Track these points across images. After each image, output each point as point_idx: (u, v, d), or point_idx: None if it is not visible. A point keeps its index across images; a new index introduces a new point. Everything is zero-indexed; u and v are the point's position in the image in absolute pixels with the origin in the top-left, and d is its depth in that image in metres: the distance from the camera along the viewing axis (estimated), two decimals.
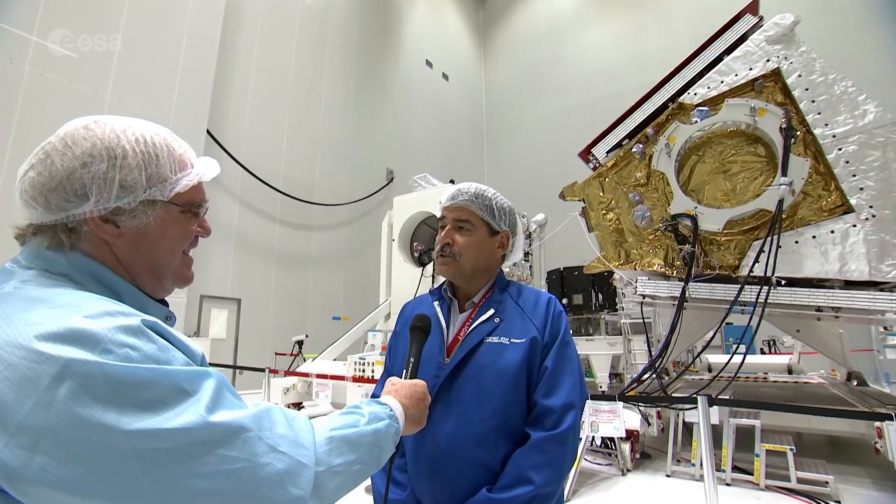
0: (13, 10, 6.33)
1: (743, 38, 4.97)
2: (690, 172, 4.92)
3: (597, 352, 7.16)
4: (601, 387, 6.94)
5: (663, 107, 5.20)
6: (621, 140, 5.40)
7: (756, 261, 4.33)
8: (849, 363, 5.43)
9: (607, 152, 5.51)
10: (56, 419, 0.50)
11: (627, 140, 5.37)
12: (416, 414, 0.91)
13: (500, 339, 1.25)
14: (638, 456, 4.56)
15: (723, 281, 4.59)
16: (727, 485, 3.84)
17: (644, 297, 5.00)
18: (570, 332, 1.34)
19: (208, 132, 8.83)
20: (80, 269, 0.67)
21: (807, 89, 4.48)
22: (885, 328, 6.22)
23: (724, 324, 4.54)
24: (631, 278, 5.16)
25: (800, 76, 4.53)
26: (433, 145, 15.61)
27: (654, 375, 4.57)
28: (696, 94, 5.04)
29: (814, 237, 4.30)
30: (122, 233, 0.69)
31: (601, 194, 5.43)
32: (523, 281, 7.19)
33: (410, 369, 1.03)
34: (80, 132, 0.68)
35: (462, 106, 17.75)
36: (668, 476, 4.16)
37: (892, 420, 3.28)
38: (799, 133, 4.40)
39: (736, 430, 4.03)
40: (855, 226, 4.16)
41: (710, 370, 6.36)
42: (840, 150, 4.28)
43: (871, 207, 4.13)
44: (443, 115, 16.48)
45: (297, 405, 6.12)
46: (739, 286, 4.33)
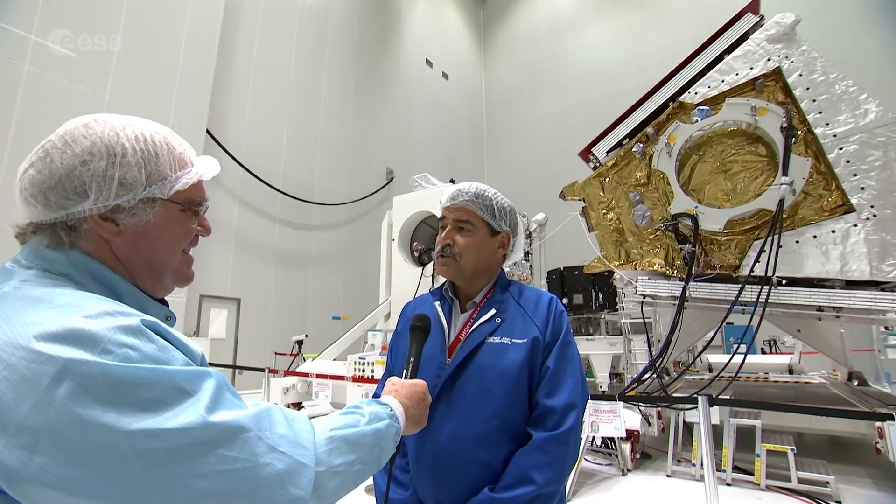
0: (12, 9, 6.32)
1: (744, 38, 4.97)
2: (691, 172, 4.92)
3: (597, 351, 7.16)
4: (601, 386, 6.94)
5: (664, 106, 5.20)
6: (622, 139, 5.40)
7: (757, 260, 4.33)
8: (850, 363, 5.43)
9: (607, 152, 5.51)
10: (55, 419, 0.49)
11: (628, 139, 5.36)
12: (417, 414, 0.90)
13: (501, 339, 1.25)
14: (638, 456, 4.55)
15: (723, 281, 4.59)
16: (728, 485, 3.84)
17: (644, 296, 5.00)
18: (572, 331, 1.34)
19: (208, 132, 8.82)
20: (80, 269, 0.67)
21: (808, 88, 4.48)
22: (886, 328, 6.20)
23: (724, 323, 4.54)
24: (631, 278, 5.16)
25: (801, 75, 4.53)
26: (433, 145, 15.60)
27: (655, 375, 4.57)
28: (696, 93, 5.03)
29: (815, 237, 4.30)
30: (121, 231, 0.69)
31: (601, 194, 5.42)
32: (523, 281, 7.18)
33: (411, 369, 1.03)
34: (79, 130, 0.68)
35: (462, 105, 17.74)
36: (668, 476, 4.16)
37: (892, 420, 3.27)
38: (800, 132, 4.40)
39: (736, 430, 4.03)
40: (856, 225, 4.16)
41: (710, 370, 6.36)
42: (841, 149, 4.28)
43: (872, 207, 4.13)
44: (443, 114, 16.47)
45: (297, 405, 6.12)
46: (740, 286, 4.33)
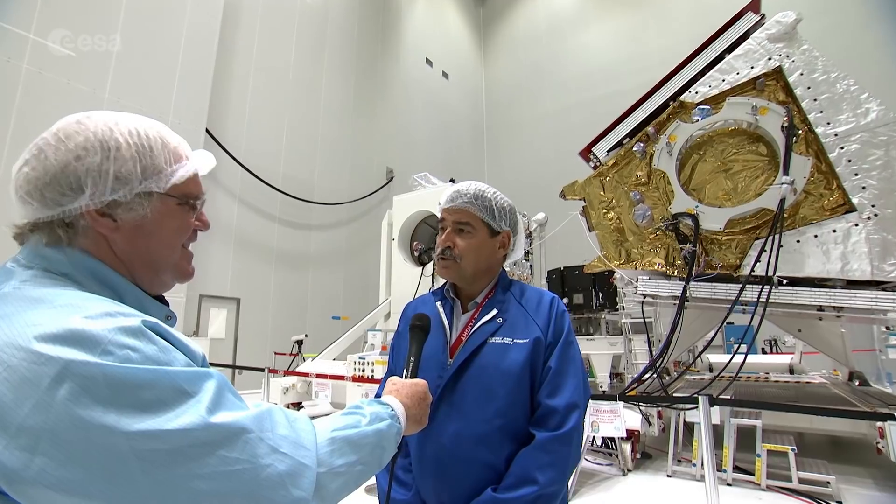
0: (11, 8, 6.30)
1: (744, 37, 4.95)
2: (691, 171, 4.91)
3: (597, 351, 7.14)
4: (602, 386, 6.92)
5: (664, 105, 5.18)
6: (622, 139, 5.39)
7: (757, 260, 4.32)
8: (851, 363, 5.41)
9: (608, 151, 5.49)
10: (56, 420, 0.49)
11: (628, 139, 5.35)
12: (418, 413, 0.90)
13: (503, 339, 1.25)
14: (639, 456, 4.55)
15: (724, 280, 4.58)
16: (728, 485, 3.84)
17: (645, 296, 5.00)
18: (574, 331, 1.34)
19: (207, 131, 8.81)
20: (81, 268, 0.66)
21: (809, 88, 4.46)
22: (888, 328, 6.20)
23: (725, 323, 4.53)
24: (632, 278, 5.15)
25: (802, 74, 4.51)
26: (433, 144, 15.59)
27: (655, 375, 4.56)
28: (697, 92, 5.01)
29: (816, 236, 4.29)
30: (119, 226, 0.69)
31: (602, 193, 5.41)
32: (524, 280, 7.16)
33: (411, 368, 1.03)
34: (72, 126, 0.68)
35: (462, 104, 17.72)
36: (668, 476, 4.16)
37: (893, 420, 3.26)
38: (801, 132, 4.39)
39: (737, 430, 4.02)
40: (857, 225, 4.14)
41: (711, 370, 6.35)
42: (842, 148, 4.26)
43: (873, 206, 4.12)
44: (443, 113, 16.45)
45: (297, 405, 6.11)
46: (741, 286, 4.32)
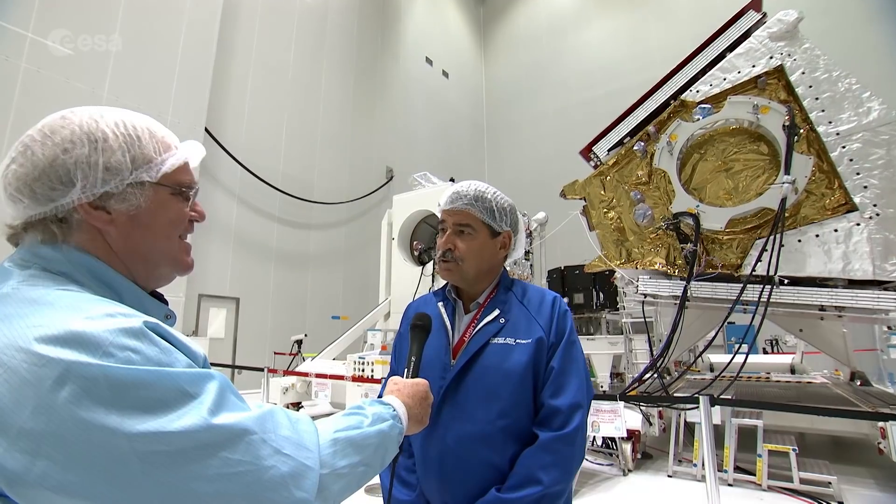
0: (9, 6, 6.28)
1: (746, 35, 4.93)
2: (692, 170, 4.89)
3: (598, 351, 7.11)
4: (602, 386, 6.90)
5: (665, 104, 5.17)
6: (623, 138, 5.37)
7: (758, 260, 4.30)
8: (852, 363, 5.40)
9: (608, 150, 5.48)
10: (58, 423, 0.49)
11: (629, 138, 5.33)
12: (419, 413, 0.90)
13: (505, 339, 1.25)
14: (639, 456, 4.54)
15: (725, 280, 4.56)
16: (729, 485, 3.83)
17: (645, 296, 4.98)
18: (577, 330, 1.33)
19: (207, 130, 8.80)
20: (79, 266, 0.66)
21: (810, 86, 4.45)
22: (889, 327, 6.20)
23: (726, 323, 4.52)
24: (632, 277, 5.14)
25: (803, 73, 4.49)
26: (433, 143, 15.57)
27: (656, 375, 4.55)
28: (698, 91, 5.00)
29: (817, 236, 4.28)
30: (113, 219, 0.68)
31: (602, 193, 5.40)
32: (524, 280, 7.15)
33: (412, 368, 1.02)
34: (57, 122, 0.67)
35: (462, 103, 17.69)
36: (669, 476, 4.15)
37: (895, 420, 3.26)
38: (802, 131, 4.37)
39: (738, 431, 4.01)
40: (859, 224, 4.13)
41: (712, 370, 6.34)
42: (844, 147, 4.25)
43: (875, 206, 4.11)
44: (443, 112, 16.43)
45: (297, 405, 6.09)
46: (742, 285, 4.31)
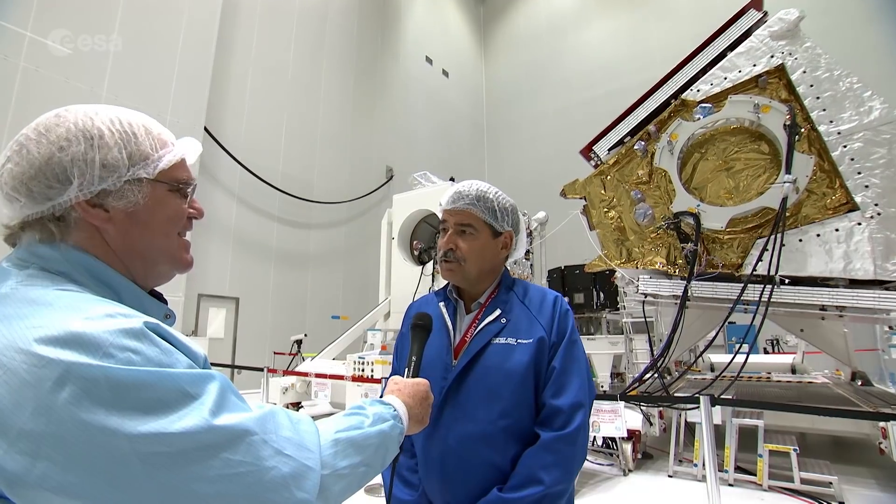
0: (7, 5, 6.27)
1: (747, 34, 4.92)
2: (693, 170, 4.88)
3: (598, 351, 7.11)
4: (603, 386, 6.89)
5: (666, 104, 5.15)
6: (623, 137, 5.36)
7: (759, 259, 4.29)
8: (853, 363, 5.39)
9: (609, 150, 5.46)
10: (58, 424, 0.49)
11: (629, 137, 5.32)
12: (420, 413, 0.90)
13: (507, 339, 1.25)
14: (640, 456, 4.53)
15: (725, 280, 4.55)
16: (730, 485, 3.82)
17: (646, 295, 4.97)
18: (577, 330, 1.33)
19: (206, 130, 8.78)
20: (77, 266, 0.65)
21: (811, 85, 4.43)
22: (891, 327, 6.19)
23: (726, 323, 4.51)
24: (633, 277, 5.13)
25: (804, 72, 4.48)
26: (433, 143, 15.55)
27: (657, 375, 4.54)
28: (698, 90, 4.98)
29: (818, 235, 4.26)
30: (111, 216, 0.68)
31: (603, 192, 5.38)
32: (524, 280, 7.12)
33: (412, 368, 1.02)
34: (51, 120, 0.67)
35: (462, 103, 17.68)
36: (670, 476, 4.15)
37: None
38: (803, 130, 4.36)
39: (739, 431, 4.01)
40: (860, 224, 4.12)
41: (712, 370, 6.33)
42: (845, 147, 4.23)
43: (876, 205, 4.10)
44: (443, 112, 16.41)
45: (296, 405, 6.08)
46: (742, 285, 4.29)
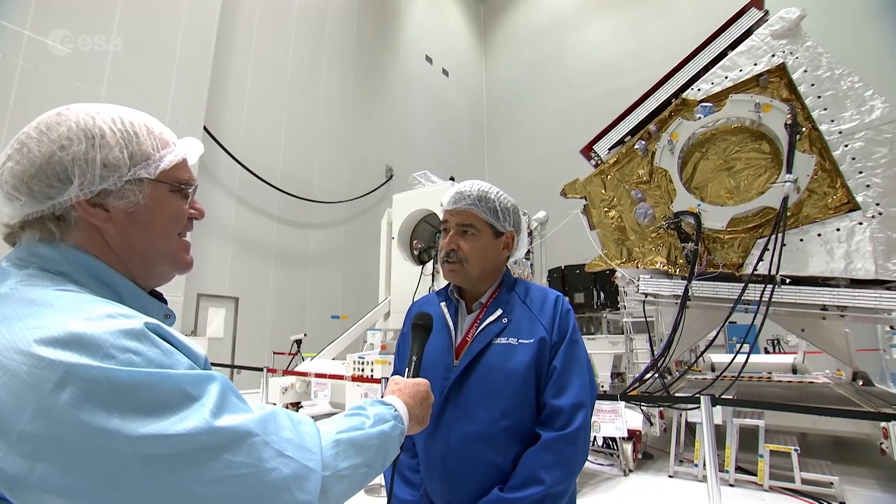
0: (6, 4, 6.25)
1: (748, 33, 4.91)
2: (694, 169, 4.87)
3: (598, 351, 7.09)
4: (603, 386, 6.88)
5: (666, 103, 5.14)
6: (623, 137, 5.35)
7: (760, 259, 4.28)
8: (854, 363, 5.39)
9: (609, 149, 5.45)
10: (58, 426, 0.48)
11: (630, 137, 5.31)
12: (420, 413, 0.90)
13: (508, 340, 1.25)
14: (640, 456, 4.53)
15: (726, 279, 4.54)
16: (730, 485, 3.82)
17: (646, 295, 4.97)
18: (579, 329, 1.33)
19: (205, 129, 8.76)
20: (77, 266, 0.65)
21: (813, 85, 4.42)
22: (892, 327, 6.18)
23: (727, 323, 4.50)
24: (633, 276, 5.12)
25: (806, 71, 4.46)
26: (433, 142, 15.53)
27: (657, 375, 4.53)
28: (699, 89, 4.97)
29: (819, 235, 4.26)
30: (111, 216, 0.67)
31: (603, 192, 5.37)
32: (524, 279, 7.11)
33: (413, 367, 1.02)
34: (53, 118, 0.66)
35: (462, 102, 17.66)
36: (670, 477, 4.14)
37: None
38: (804, 129, 4.35)
39: (739, 431, 4.01)
40: (861, 223, 4.11)
41: (713, 369, 6.33)
42: (846, 146, 4.22)
43: (877, 205, 4.09)
44: (443, 111, 16.39)
45: (296, 405, 6.07)
46: (743, 285, 4.28)
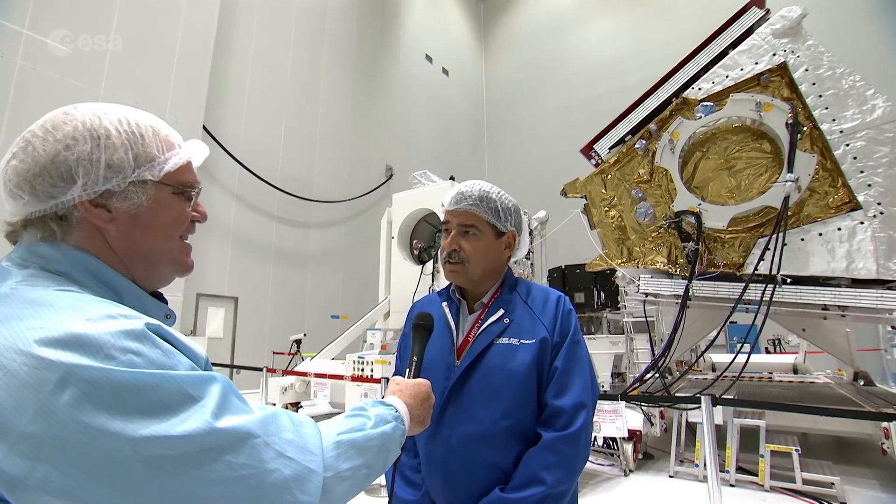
0: (4, 3, 6.24)
1: (749, 32, 4.90)
2: (694, 169, 4.86)
3: (599, 351, 7.07)
4: (603, 386, 6.87)
5: (667, 102, 5.13)
6: (624, 136, 5.33)
7: (761, 258, 4.27)
8: (855, 363, 5.38)
9: (610, 148, 5.44)
10: (59, 427, 0.48)
11: (630, 136, 5.30)
12: (421, 414, 0.90)
13: (509, 340, 1.24)
14: (640, 456, 4.52)
15: (727, 279, 4.54)
16: (731, 486, 3.81)
17: (647, 295, 4.96)
18: (581, 330, 1.33)
19: (205, 128, 8.75)
20: (78, 266, 0.65)
21: (814, 84, 4.41)
22: (893, 327, 6.16)
23: (728, 322, 4.49)
24: (633, 276, 5.11)
25: (807, 70, 4.45)
26: (433, 141, 15.52)
27: (657, 375, 4.53)
28: (700, 89, 4.96)
29: (820, 234, 4.25)
30: (114, 217, 0.67)
31: (603, 191, 5.36)
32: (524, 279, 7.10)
33: (414, 368, 1.02)
34: (59, 118, 0.66)
35: (462, 101, 17.64)
36: (671, 477, 4.14)
37: None
38: (805, 128, 4.34)
39: (740, 431, 4.00)
40: (862, 223, 4.11)
41: (713, 369, 6.32)
42: (848, 145, 4.21)
43: (879, 204, 4.08)
44: (443, 110, 16.37)
45: (296, 405, 6.06)
46: (744, 284, 4.27)
